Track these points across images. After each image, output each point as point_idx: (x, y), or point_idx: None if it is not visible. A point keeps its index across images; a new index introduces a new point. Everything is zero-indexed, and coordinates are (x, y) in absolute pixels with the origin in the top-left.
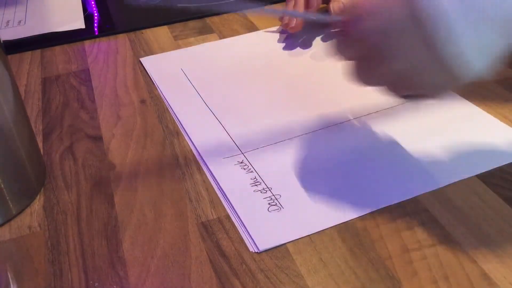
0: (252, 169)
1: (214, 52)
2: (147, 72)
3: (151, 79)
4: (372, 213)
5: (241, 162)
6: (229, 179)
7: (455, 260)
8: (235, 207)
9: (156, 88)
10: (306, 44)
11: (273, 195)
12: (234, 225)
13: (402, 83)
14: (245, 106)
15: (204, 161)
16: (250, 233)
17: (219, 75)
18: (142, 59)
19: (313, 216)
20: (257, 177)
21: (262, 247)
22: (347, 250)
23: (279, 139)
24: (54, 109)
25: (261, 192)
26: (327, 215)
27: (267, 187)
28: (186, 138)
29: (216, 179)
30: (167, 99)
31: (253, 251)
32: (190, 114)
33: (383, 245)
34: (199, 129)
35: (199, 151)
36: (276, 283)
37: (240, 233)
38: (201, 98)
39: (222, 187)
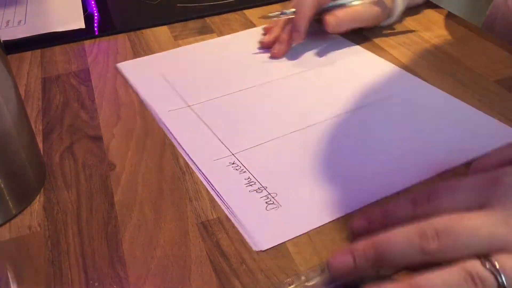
0: (244, 170)
1: (196, 54)
2: (125, 78)
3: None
4: None
5: (233, 163)
6: (223, 181)
7: None
8: (232, 209)
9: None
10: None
11: (269, 193)
12: (234, 225)
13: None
14: (231, 106)
15: (195, 164)
16: (251, 233)
17: (203, 77)
18: (118, 65)
19: (312, 211)
20: (251, 177)
21: (265, 246)
22: None
23: (268, 138)
24: (54, 109)
25: (256, 191)
26: (325, 210)
27: (262, 186)
28: (174, 142)
29: (210, 182)
30: (151, 105)
31: (257, 250)
32: (177, 119)
33: None
34: (187, 132)
35: (189, 155)
36: (276, 283)
37: (241, 234)
38: (185, 101)
39: (217, 189)
